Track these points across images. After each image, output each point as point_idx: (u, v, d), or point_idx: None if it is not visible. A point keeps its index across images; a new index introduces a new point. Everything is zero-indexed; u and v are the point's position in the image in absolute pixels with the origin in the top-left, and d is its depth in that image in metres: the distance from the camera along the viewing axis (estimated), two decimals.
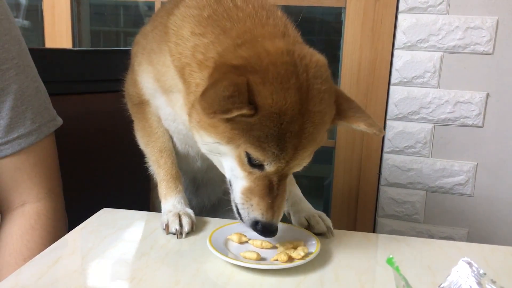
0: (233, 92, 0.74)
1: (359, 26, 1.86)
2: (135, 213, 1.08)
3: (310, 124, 0.79)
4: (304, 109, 0.78)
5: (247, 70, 0.78)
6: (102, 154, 1.52)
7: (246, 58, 0.79)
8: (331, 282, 0.81)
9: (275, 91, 0.76)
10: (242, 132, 0.79)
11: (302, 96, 0.78)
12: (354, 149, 1.95)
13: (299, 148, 0.80)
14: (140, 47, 1.05)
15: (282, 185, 0.84)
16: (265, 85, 0.76)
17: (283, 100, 0.76)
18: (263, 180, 0.82)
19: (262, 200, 0.82)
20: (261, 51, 0.80)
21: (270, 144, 0.78)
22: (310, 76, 0.79)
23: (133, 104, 1.12)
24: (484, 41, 1.71)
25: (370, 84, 1.87)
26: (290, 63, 0.78)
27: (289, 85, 0.77)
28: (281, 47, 0.80)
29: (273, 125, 0.76)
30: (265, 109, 0.76)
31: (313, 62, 0.81)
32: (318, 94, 0.80)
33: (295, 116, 0.77)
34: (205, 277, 0.81)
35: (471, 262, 0.70)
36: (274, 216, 0.83)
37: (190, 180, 1.23)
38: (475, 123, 1.78)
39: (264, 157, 0.79)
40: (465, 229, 1.88)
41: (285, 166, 0.81)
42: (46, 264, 0.82)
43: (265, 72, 0.77)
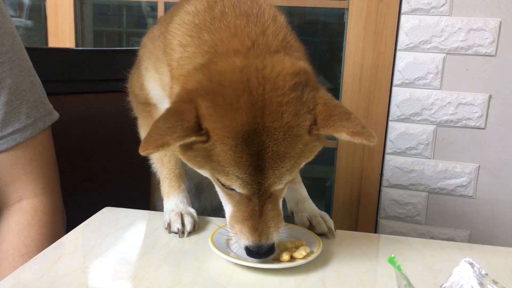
0: (175, 122, 0.72)
1: (361, 27, 1.86)
2: (137, 212, 1.08)
3: (272, 142, 0.73)
4: (261, 127, 0.73)
5: (198, 94, 0.75)
6: (104, 153, 1.53)
7: (198, 81, 0.77)
8: (332, 282, 0.81)
9: (223, 113, 0.73)
10: (204, 158, 0.77)
11: (256, 113, 0.73)
12: (355, 150, 1.95)
13: (266, 168, 0.75)
14: (147, 51, 1.04)
15: (267, 203, 0.78)
16: (214, 108, 0.73)
17: (233, 121, 0.72)
18: (243, 204, 0.79)
19: (243, 225, 0.79)
20: (212, 73, 0.76)
21: (232, 169, 0.74)
22: (268, 90, 0.74)
23: (139, 103, 1.11)
24: (486, 42, 1.71)
25: (372, 85, 1.87)
26: (241, 81, 0.74)
27: (239, 105, 0.73)
28: (235, 65, 0.76)
29: (228, 149, 0.73)
30: (216, 133, 0.73)
31: (274, 73, 0.75)
32: (278, 107, 0.73)
33: (251, 137, 0.73)
34: (207, 276, 0.81)
35: (473, 263, 0.70)
36: (261, 238, 0.78)
37: (195, 184, 1.23)
38: (478, 125, 1.78)
39: (230, 182, 0.76)
40: (467, 231, 1.88)
41: (258, 187, 0.76)
42: (48, 262, 0.82)
43: (214, 94, 0.74)
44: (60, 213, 1.13)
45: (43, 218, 1.06)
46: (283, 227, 0.82)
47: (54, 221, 1.08)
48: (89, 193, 1.45)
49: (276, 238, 0.81)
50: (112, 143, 1.54)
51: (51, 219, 1.08)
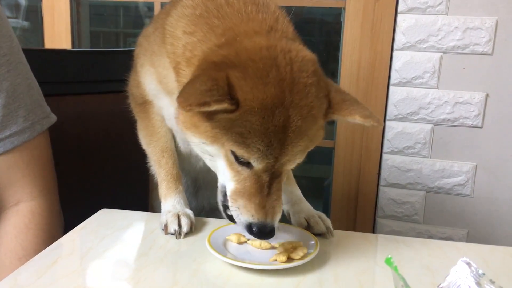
0: (212, 86, 0.73)
1: (358, 26, 1.86)
2: (134, 213, 1.07)
3: (297, 118, 0.77)
4: (289, 102, 0.76)
5: (227, 66, 0.77)
6: (101, 155, 1.52)
7: (225, 55, 0.79)
8: (330, 283, 0.81)
9: (254, 85, 0.75)
10: (224, 130, 0.77)
11: (285, 89, 0.76)
12: (353, 150, 1.95)
13: (286, 142, 0.77)
14: (142, 48, 1.05)
15: (275, 183, 0.80)
16: (245, 79, 0.75)
17: (264, 93, 0.75)
18: (252, 180, 0.80)
19: (250, 201, 0.80)
20: (239, 48, 0.79)
21: (254, 140, 0.76)
22: (295, 70, 0.78)
23: (137, 104, 1.12)
24: (483, 41, 1.71)
25: (370, 85, 1.87)
26: (269, 58, 0.77)
27: (268, 79, 0.75)
28: (260, 43, 0.79)
29: (255, 120, 0.75)
30: (246, 103, 0.75)
31: (299, 57, 0.80)
32: (304, 87, 0.78)
33: (279, 110, 0.75)
34: (204, 278, 0.81)
35: (470, 262, 0.70)
36: (267, 216, 0.79)
37: (192, 181, 1.23)
38: (475, 124, 1.78)
39: (249, 154, 0.77)
40: (464, 230, 1.88)
41: (274, 162, 0.78)
42: (45, 264, 0.82)
43: (244, 67, 0.76)
44: (58, 216, 1.13)
45: (40, 221, 1.06)
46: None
47: (51, 224, 1.08)
48: (86, 194, 1.45)
49: (277, 221, 0.82)
50: (109, 144, 1.53)
51: (48, 221, 1.07)
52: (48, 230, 1.07)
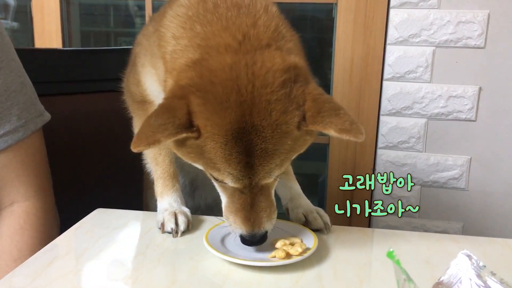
0: (167, 119, 0.73)
1: (350, 22, 1.85)
2: (129, 212, 1.06)
3: (260, 140, 0.74)
4: (250, 126, 0.73)
5: (190, 91, 0.75)
6: (95, 154, 1.51)
7: (191, 78, 0.77)
8: (329, 278, 0.80)
9: (214, 111, 0.74)
10: (197, 155, 0.78)
11: (245, 112, 0.73)
12: (348, 146, 1.95)
13: (255, 164, 0.76)
14: (143, 48, 1.03)
15: (259, 196, 0.80)
16: (205, 105, 0.74)
17: (223, 120, 0.73)
18: (235, 196, 0.81)
19: (236, 216, 0.81)
20: (204, 70, 0.76)
21: (223, 165, 0.76)
22: (257, 87, 0.74)
23: (135, 102, 1.10)
24: (475, 35, 1.72)
25: (363, 80, 1.87)
26: (231, 79, 0.74)
27: (228, 103, 0.73)
28: (225, 62, 0.76)
29: (218, 146, 0.74)
30: (207, 130, 0.74)
31: (264, 69, 0.75)
32: (266, 106, 0.74)
33: (240, 135, 0.73)
34: (202, 276, 0.80)
35: (470, 255, 0.70)
36: (254, 227, 0.80)
37: (189, 181, 1.22)
38: (468, 117, 1.78)
39: (222, 177, 0.78)
40: (460, 223, 1.88)
41: (249, 181, 0.78)
42: (40, 265, 0.81)
43: (205, 92, 0.74)
44: (53, 216, 1.11)
45: (35, 221, 1.04)
46: (276, 215, 0.85)
47: (47, 224, 1.07)
48: (81, 194, 1.43)
49: (269, 227, 0.83)
50: (103, 143, 1.52)
51: (44, 222, 1.06)
52: (44, 230, 1.05)
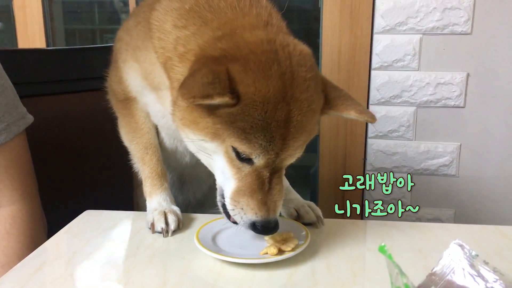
0: (213, 79, 0.71)
1: (337, 12, 1.84)
2: (119, 213, 1.05)
3: (297, 112, 0.76)
4: (289, 96, 0.75)
5: (227, 59, 0.75)
6: (83, 154, 1.49)
7: (225, 49, 0.77)
8: (322, 273, 0.80)
9: (257, 79, 0.73)
10: (226, 125, 0.75)
11: (286, 83, 0.75)
12: (338, 136, 1.94)
13: (288, 138, 0.76)
14: (123, 43, 1.02)
15: (276, 178, 0.79)
16: (246, 73, 0.74)
17: (266, 87, 0.73)
18: (253, 177, 0.78)
19: (252, 199, 0.78)
20: (239, 41, 0.77)
21: (256, 135, 0.74)
22: (294, 64, 0.77)
23: (118, 101, 1.08)
24: (462, 21, 1.71)
25: (351, 70, 1.86)
26: (270, 51, 0.76)
27: (271, 72, 0.74)
28: (261, 37, 0.78)
29: (257, 114, 0.73)
30: (248, 97, 0.73)
31: (297, 51, 0.79)
32: (303, 81, 0.77)
33: (280, 104, 0.74)
34: (194, 275, 0.79)
35: (462, 244, 0.70)
36: (269, 212, 0.78)
37: (178, 177, 1.21)
38: (457, 104, 1.78)
39: (251, 149, 0.75)
40: (451, 210, 1.89)
41: (275, 158, 0.77)
42: (29, 271, 0.79)
43: (245, 61, 0.74)
44: (40, 220, 1.09)
45: (22, 225, 1.03)
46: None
47: (34, 228, 1.05)
48: (70, 196, 1.42)
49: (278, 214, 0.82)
50: (91, 143, 1.50)
51: (30, 226, 1.04)
52: (31, 235, 1.04)
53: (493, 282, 0.66)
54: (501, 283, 0.65)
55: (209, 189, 1.27)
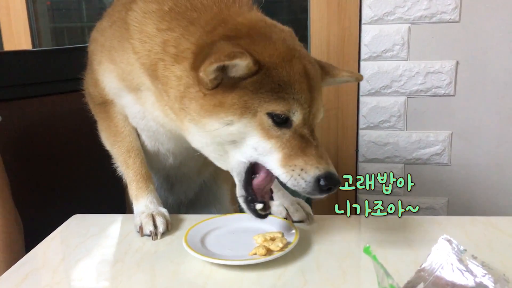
0: (232, 46, 0.75)
1: (324, 3, 1.82)
2: (106, 217, 1.04)
3: (310, 66, 0.82)
4: (298, 54, 0.81)
5: (232, 38, 0.79)
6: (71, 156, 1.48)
7: (224, 34, 0.80)
8: (312, 271, 0.79)
9: (266, 45, 0.79)
10: (253, 94, 0.77)
11: (289, 45, 0.81)
12: (329, 128, 1.93)
13: (311, 89, 0.81)
14: (98, 44, 1.00)
15: (315, 135, 0.82)
16: (254, 44, 0.78)
17: (277, 50, 0.79)
18: (296, 138, 0.79)
19: (307, 156, 0.77)
20: (236, 23, 0.83)
21: (288, 90, 0.78)
22: (287, 35, 0.84)
23: (96, 104, 1.07)
24: (449, 9, 1.70)
25: (340, 62, 1.85)
26: (266, 26, 0.84)
27: (274, 39, 0.80)
28: (252, 17, 0.85)
29: (281, 72, 0.77)
30: (266, 61, 0.77)
31: (285, 28, 0.87)
32: (300, 45, 0.85)
33: (295, 60, 0.79)
34: (183, 279, 0.79)
35: (450, 239, 0.69)
36: (329, 164, 0.78)
37: (164, 178, 1.20)
38: (447, 92, 1.78)
39: (288, 106, 0.77)
40: (444, 198, 1.89)
41: (309, 112, 0.80)
42: (15, 281, 0.79)
43: (248, 35, 0.80)
44: (14, 222, 1.07)
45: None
46: None
47: (7, 230, 1.03)
48: (59, 199, 1.41)
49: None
50: (79, 144, 1.49)
51: (4, 229, 1.02)
52: (5, 237, 1.01)
53: (482, 276, 0.65)
54: (490, 277, 0.65)
55: (200, 188, 1.26)
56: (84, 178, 1.49)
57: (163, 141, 1.05)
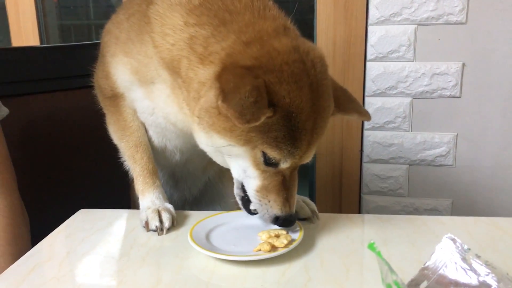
0: (257, 97, 0.73)
1: (331, 3, 1.83)
2: (113, 211, 1.05)
3: (320, 120, 0.81)
4: (316, 105, 0.80)
5: (262, 71, 0.76)
6: (77, 152, 1.49)
7: (258, 58, 0.78)
8: (316, 268, 0.79)
9: (291, 90, 0.76)
10: (260, 133, 0.78)
11: (313, 93, 0.79)
12: (334, 129, 1.94)
13: (311, 143, 0.82)
14: (112, 36, 0.99)
15: (293, 176, 0.86)
16: (281, 84, 0.76)
17: (299, 98, 0.77)
18: (277, 177, 0.84)
19: (278, 196, 0.84)
20: (271, 50, 0.78)
21: (287, 143, 0.79)
22: (318, 72, 0.80)
23: (105, 98, 1.07)
24: (456, 10, 1.70)
25: (346, 62, 1.85)
26: (300, 61, 0.79)
27: (302, 83, 0.77)
28: (288, 45, 0.79)
29: (291, 124, 0.77)
30: (283, 109, 0.76)
31: (317, 58, 0.82)
32: (325, 89, 0.82)
33: (310, 114, 0.79)
34: (188, 273, 0.79)
35: (454, 238, 0.70)
36: (291, 208, 0.85)
37: (170, 175, 1.20)
38: (453, 94, 1.78)
39: (281, 156, 0.80)
40: (449, 200, 1.89)
41: (298, 160, 0.83)
42: (22, 273, 0.79)
43: (279, 72, 0.77)
44: (21, 214, 1.08)
45: (1, 221, 1.01)
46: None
47: (14, 223, 1.04)
48: (64, 194, 1.42)
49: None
50: (84, 140, 1.50)
51: (10, 221, 1.03)
52: (11, 230, 1.02)
53: (485, 275, 0.66)
54: (493, 276, 0.65)
55: (205, 185, 1.27)
56: (89, 174, 1.50)
57: (171, 138, 1.05)
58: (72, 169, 1.47)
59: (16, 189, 1.09)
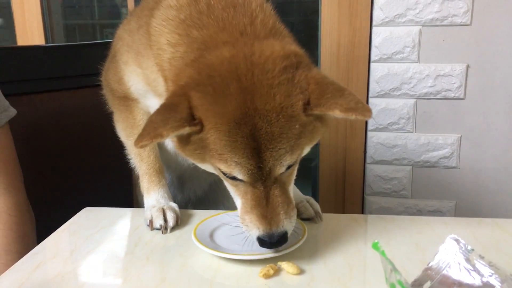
0: (168, 114, 0.73)
1: (335, 4, 1.83)
2: (118, 210, 1.05)
3: (265, 124, 0.73)
4: (252, 110, 0.73)
5: (190, 88, 0.76)
6: (82, 151, 1.50)
7: (189, 76, 0.77)
8: (319, 268, 0.80)
9: (214, 101, 0.74)
10: (202, 149, 0.77)
11: (246, 98, 0.73)
12: (338, 129, 1.94)
13: (262, 150, 0.74)
14: (125, 44, 0.99)
15: (274, 190, 0.77)
16: (205, 97, 0.74)
17: (224, 107, 0.73)
18: (249, 192, 0.78)
19: (252, 214, 0.77)
20: (202, 66, 0.77)
21: (229, 155, 0.74)
22: (257, 74, 0.74)
23: (116, 97, 1.07)
24: (461, 12, 1.70)
25: (350, 63, 1.86)
26: (229, 70, 0.74)
27: (228, 92, 0.73)
28: (223, 56, 0.76)
29: (222, 135, 0.73)
30: (209, 121, 0.74)
31: (263, 58, 0.76)
32: (269, 90, 0.74)
33: (244, 120, 0.73)
34: (192, 272, 0.80)
35: (458, 239, 0.70)
36: (271, 225, 0.76)
37: (177, 177, 1.21)
38: (457, 96, 1.78)
39: (230, 168, 0.75)
40: (452, 202, 1.89)
41: (258, 171, 0.75)
42: (27, 269, 0.80)
43: (204, 86, 0.75)
44: (27, 213, 1.08)
45: (8, 219, 1.02)
46: (295, 215, 0.81)
47: (20, 222, 1.04)
48: (69, 193, 1.42)
49: (289, 227, 0.78)
50: (89, 139, 1.51)
51: (17, 220, 1.04)
52: (18, 228, 1.03)
53: (489, 276, 0.66)
54: (497, 277, 0.65)
55: (210, 186, 1.27)
56: (95, 172, 1.51)
57: None
58: (77, 167, 1.48)
59: (23, 188, 1.10)
